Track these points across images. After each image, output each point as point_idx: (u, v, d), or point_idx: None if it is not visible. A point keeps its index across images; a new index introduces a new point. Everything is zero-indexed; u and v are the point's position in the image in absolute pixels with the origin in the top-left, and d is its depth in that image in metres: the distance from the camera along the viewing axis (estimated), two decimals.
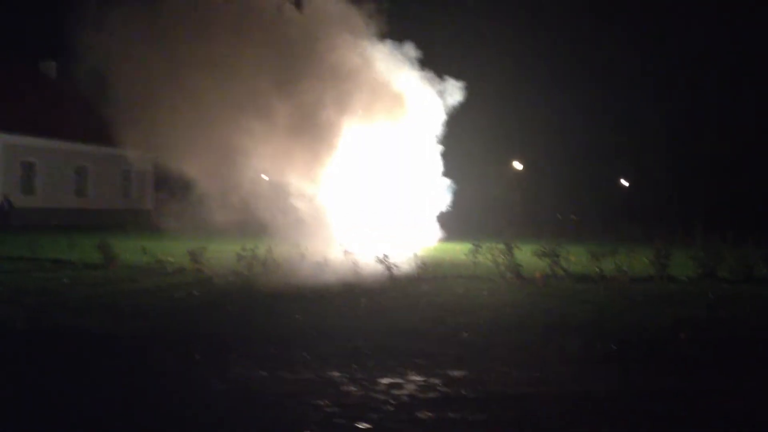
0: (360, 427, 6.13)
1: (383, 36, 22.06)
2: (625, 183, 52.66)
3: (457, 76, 25.07)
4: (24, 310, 10.93)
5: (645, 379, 7.74)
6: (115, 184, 48.10)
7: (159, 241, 18.89)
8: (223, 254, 18.10)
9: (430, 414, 6.48)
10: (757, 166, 40.58)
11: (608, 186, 50.76)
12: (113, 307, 11.52)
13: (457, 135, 28.70)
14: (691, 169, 46.62)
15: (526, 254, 16.92)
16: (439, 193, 28.11)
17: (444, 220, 25.98)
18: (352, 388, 7.27)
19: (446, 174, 28.40)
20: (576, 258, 16.84)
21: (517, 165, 43.28)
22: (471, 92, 24.99)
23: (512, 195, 43.43)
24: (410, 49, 22.49)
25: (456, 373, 7.88)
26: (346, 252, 16.96)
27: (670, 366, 8.37)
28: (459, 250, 22.88)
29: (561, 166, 46.08)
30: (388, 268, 16.10)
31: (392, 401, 6.84)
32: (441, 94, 24.79)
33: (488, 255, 16.50)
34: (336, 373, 7.82)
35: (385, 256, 16.33)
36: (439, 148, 26.61)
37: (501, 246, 16.47)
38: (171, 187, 27.64)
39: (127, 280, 14.78)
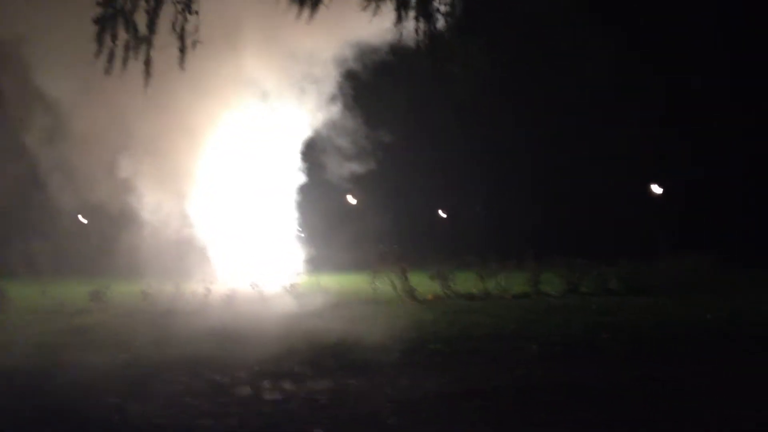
0: None
1: None
2: (443, 215, 56.15)
3: None
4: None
5: (612, 368, 9.51)
6: None
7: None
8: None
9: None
10: (570, 193, 44.73)
11: (429, 218, 53.98)
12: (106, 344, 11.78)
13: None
14: (506, 199, 50.65)
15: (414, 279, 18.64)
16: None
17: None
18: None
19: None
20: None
21: (351, 199, 45.26)
22: None
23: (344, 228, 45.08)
24: None
25: (455, 373, 9.23)
26: (252, 284, 17.70)
27: (626, 358, 10.22)
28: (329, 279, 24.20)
29: (387, 200, 48.44)
30: (297, 297, 17.03)
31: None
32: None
33: (387, 281, 18.00)
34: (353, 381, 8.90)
35: (293, 285, 17.27)
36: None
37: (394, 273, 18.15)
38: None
39: (45, 321, 14.59)
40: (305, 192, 30.50)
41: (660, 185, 40.95)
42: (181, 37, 6.06)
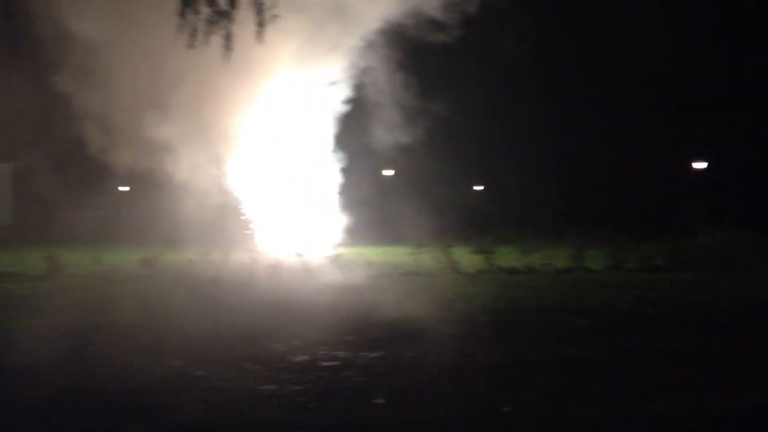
0: None
1: None
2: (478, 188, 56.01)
3: None
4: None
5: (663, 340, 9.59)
6: None
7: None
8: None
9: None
10: (601, 169, 44.50)
11: (465, 192, 53.92)
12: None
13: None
14: (539, 175, 50.44)
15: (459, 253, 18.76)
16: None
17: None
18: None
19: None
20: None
21: (388, 172, 45.50)
22: None
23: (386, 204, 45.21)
24: None
25: (506, 345, 9.36)
26: (297, 254, 17.94)
27: (671, 331, 10.28)
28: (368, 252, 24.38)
29: (425, 179, 48.34)
30: (341, 268, 17.23)
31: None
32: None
33: (429, 255, 18.14)
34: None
35: (337, 256, 17.48)
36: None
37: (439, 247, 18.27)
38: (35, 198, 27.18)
39: (99, 287, 14.99)
40: (346, 162, 30.54)
41: (699, 161, 40.66)
42: (260, 12, 6.17)
